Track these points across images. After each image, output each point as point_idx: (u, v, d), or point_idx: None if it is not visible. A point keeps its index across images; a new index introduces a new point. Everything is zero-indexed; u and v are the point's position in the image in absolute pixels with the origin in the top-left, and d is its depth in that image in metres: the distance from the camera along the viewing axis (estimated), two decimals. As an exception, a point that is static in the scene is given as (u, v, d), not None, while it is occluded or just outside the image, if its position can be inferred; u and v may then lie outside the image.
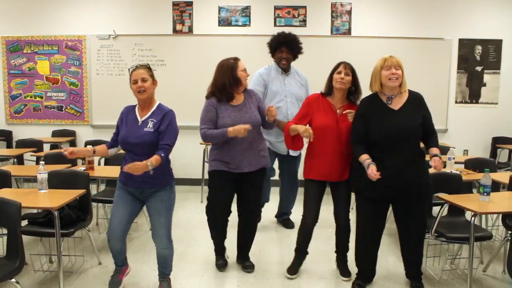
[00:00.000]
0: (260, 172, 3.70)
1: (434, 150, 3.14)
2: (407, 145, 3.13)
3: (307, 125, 3.47)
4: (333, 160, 3.48)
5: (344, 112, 3.41)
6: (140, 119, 3.14)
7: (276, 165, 4.92)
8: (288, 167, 4.86)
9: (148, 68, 3.18)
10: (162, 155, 3.01)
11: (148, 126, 3.09)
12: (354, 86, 3.49)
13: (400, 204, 3.26)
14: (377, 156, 3.14)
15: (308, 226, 3.67)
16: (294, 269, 3.76)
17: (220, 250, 3.92)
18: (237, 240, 3.92)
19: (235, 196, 3.79)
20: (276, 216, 5.19)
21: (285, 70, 4.67)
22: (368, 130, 3.19)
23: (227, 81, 3.56)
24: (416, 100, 3.21)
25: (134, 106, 3.23)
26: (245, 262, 3.87)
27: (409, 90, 3.25)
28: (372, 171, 3.05)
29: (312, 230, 3.69)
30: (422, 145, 3.28)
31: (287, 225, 5.00)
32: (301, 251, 3.78)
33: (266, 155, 3.75)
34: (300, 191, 4.11)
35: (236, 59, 3.69)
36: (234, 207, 3.80)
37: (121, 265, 3.45)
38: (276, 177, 5.00)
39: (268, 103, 4.22)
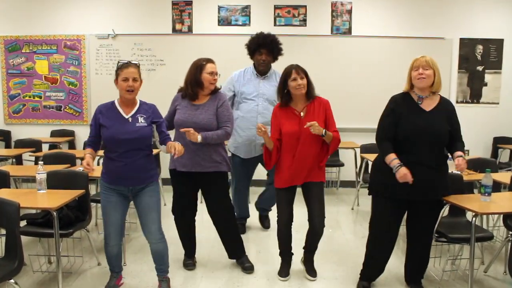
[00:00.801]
0: (216, 175, 3.65)
1: (459, 153, 3.09)
2: (433, 147, 3.09)
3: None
4: (296, 164, 3.44)
5: (305, 126, 3.30)
6: (127, 116, 3.11)
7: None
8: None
9: (138, 67, 3.16)
10: (168, 136, 3.21)
11: (140, 122, 3.10)
12: (309, 85, 3.47)
13: (419, 207, 3.22)
14: (403, 155, 3.09)
15: (282, 227, 3.64)
16: (284, 271, 3.72)
17: (189, 252, 3.96)
18: (221, 240, 3.94)
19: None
20: (256, 205, 4.95)
21: (263, 73, 4.45)
22: (397, 127, 3.13)
23: (191, 80, 3.61)
24: (447, 106, 3.17)
25: (111, 103, 3.18)
26: (244, 263, 3.85)
27: (441, 96, 3.20)
28: (406, 175, 2.99)
29: (288, 230, 3.65)
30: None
31: (263, 223, 4.95)
32: (284, 253, 3.75)
33: (219, 160, 3.63)
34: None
35: (207, 61, 3.65)
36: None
37: (118, 271, 3.43)
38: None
39: (239, 104, 4.43)
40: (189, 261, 3.90)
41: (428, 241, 3.35)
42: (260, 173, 4.86)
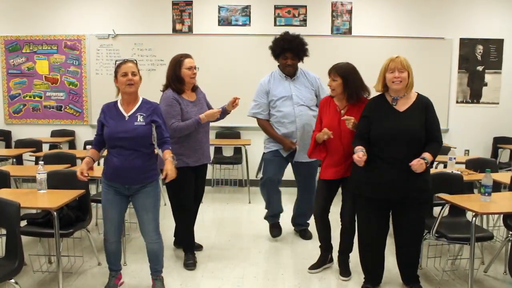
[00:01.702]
0: (205, 166, 4.04)
1: (425, 154, 3.04)
2: (408, 147, 3.07)
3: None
4: (336, 159, 3.52)
5: (342, 118, 3.39)
6: (126, 114, 3.13)
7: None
8: (299, 173, 4.52)
9: (136, 63, 3.20)
10: (170, 148, 3.18)
11: (138, 120, 3.11)
12: (347, 87, 3.47)
13: (398, 207, 3.23)
14: (378, 156, 3.12)
15: (317, 217, 3.72)
16: (315, 265, 3.84)
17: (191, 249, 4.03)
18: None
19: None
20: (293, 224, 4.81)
21: (290, 75, 4.34)
22: (370, 129, 3.16)
23: (172, 76, 3.77)
24: (423, 104, 3.14)
25: (114, 103, 3.22)
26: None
27: (418, 94, 3.19)
28: (358, 155, 3.03)
29: (323, 219, 3.71)
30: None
31: (303, 235, 4.65)
32: (322, 248, 3.85)
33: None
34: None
35: (184, 56, 3.80)
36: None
37: (117, 270, 3.43)
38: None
39: (273, 111, 4.31)
40: (191, 261, 3.89)
41: (414, 241, 3.32)
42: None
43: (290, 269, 3.89)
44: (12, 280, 2.76)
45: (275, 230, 4.58)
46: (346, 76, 3.46)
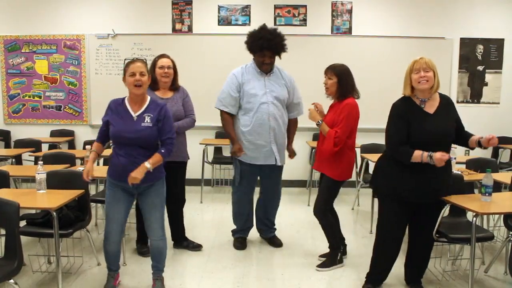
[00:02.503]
0: (182, 163, 4.15)
1: (477, 136, 3.15)
2: (443, 148, 3.05)
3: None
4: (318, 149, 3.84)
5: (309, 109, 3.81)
6: (134, 114, 3.12)
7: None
8: (268, 177, 4.30)
9: (145, 63, 3.18)
10: (163, 151, 3.11)
11: (145, 121, 3.09)
12: (341, 86, 3.67)
13: (423, 208, 3.22)
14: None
15: (323, 214, 3.84)
16: (322, 263, 3.91)
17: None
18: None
19: None
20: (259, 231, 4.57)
21: (267, 72, 4.11)
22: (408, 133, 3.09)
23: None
24: (448, 104, 3.16)
25: (122, 100, 3.19)
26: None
27: (439, 93, 3.17)
28: (442, 156, 2.94)
29: (328, 216, 3.85)
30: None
31: (273, 242, 4.43)
32: (331, 246, 3.92)
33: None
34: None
35: (160, 56, 3.99)
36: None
37: (115, 270, 3.42)
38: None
39: (246, 107, 4.03)
40: (145, 248, 4.04)
41: (430, 242, 3.36)
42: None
43: (290, 269, 3.88)
44: (12, 281, 2.74)
45: (241, 244, 4.37)
46: (341, 75, 3.65)
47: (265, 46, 3.94)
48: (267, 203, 4.39)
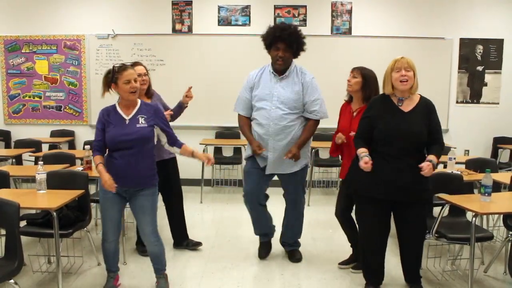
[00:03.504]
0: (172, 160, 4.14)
1: (431, 157, 3.08)
2: (411, 148, 3.11)
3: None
4: (348, 159, 3.60)
5: (338, 135, 3.66)
6: (126, 117, 3.14)
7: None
8: (282, 185, 4.04)
9: (133, 67, 3.22)
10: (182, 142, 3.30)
11: (140, 122, 3.13)
12: (365, 88, 3.63)
13: (400, 206, 3.23)
14: (381, 155, 3.12)
15: (339, 216, 3.84)
16: (345, 261, 3.95)
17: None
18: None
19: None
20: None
21: (280, 71, 3.80)
22: (374, 128, 3.16)
23: None
24: (427, 106, 3.18)
25: (113, 107, 3.21)
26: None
27: (421, 96, 3.21)
28: (364, 161, 3.05)
29: (345, 218, 3.81)
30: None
31: (292, 256, 4.11)
32: (352, 245, 3.91)
33: None
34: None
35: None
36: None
37: (114, 271, 3.44)
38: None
39: (254, 109, 3.84)
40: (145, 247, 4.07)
41: (417, 241, 3.32)
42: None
43: (290, 269, 3.88)
44: (12, 281, 2.75)
45: (263, 250, 4.14)
46: (366, 77, 3.63)
47: (278, 35, 3.68)
48: (287, 215, 4.11)
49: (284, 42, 3.70)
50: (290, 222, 4.07)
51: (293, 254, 4.10)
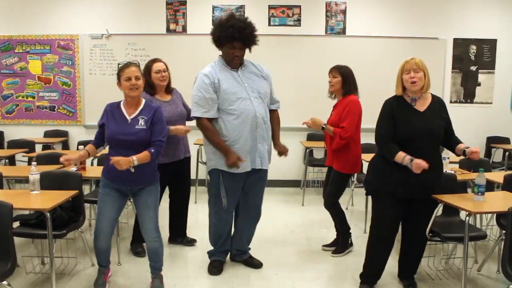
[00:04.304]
0: (187, 160, 4.27)
1: (463, 145, 3.26)
2: (431, 146, 3.15)
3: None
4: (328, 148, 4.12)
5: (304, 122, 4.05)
6: (129, 117, 3.16)
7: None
8: (248, 186, 3.70)
9: (138, 66, 3.24)
10: (152, 151, 3.09)
11: (139, 124, 3.13)
12: (345, 85, 3.98)
13: (415, 205, 3.24)
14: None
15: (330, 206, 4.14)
16: (337, 250, 4.21)
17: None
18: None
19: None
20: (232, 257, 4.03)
21: (237, 67, 3.57)
22: (395, 129, 3.16)
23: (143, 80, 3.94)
24: (439, 104, 3.24)
25: (118, 104, 3.24)
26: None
27: (431, 94, 3.25)
28: (421, 163, 2.99)
29: (336, 206, 4.15)
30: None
31: (251, 263, 3.94)
32: (339, 232, 4.26)
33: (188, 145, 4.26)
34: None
35: (153, 61, 4.06)
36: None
37: (105, 266, 3.45)
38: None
39: (225, 107, 3.46)
40: (140, 248, 4.18)
41: (423, 239, 3.38)
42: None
43: (284, 269, 3.88)
44: (5, 282, 2.74)
45: (215, 268, 3.82)
46: (345, 74, 3.96)
47: (237, 36, 3.39)
48: (248, 222, 3.87)
49: (242, 42, 3.46)
50: (252, 227, 3.92)
51: (252, 261, 3.95)
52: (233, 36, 3.38)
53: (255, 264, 3.92)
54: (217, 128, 3.49)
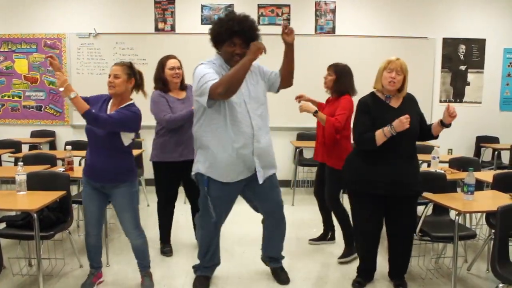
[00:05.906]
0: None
1: (436, 121, 3.36)
2: (407, 142, 3.18)
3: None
4: (319, 141, 4.14)
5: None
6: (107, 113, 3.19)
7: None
8: (261, 196, 3.46)
9: (127, 66, 3.23)
10: (92, 111, 3.00)
11: None
12: (338, 84, 4.01)
13: (394, 201, 3.25)
14: (379, 152, 3.15)
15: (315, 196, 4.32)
16: (316, 238, 4.44)
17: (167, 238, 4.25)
18: None
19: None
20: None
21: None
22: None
23: (156, 77, 4.02)
24: (411, 100, 3.32)
25: (108, 98, 3.29)
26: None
27: None
28: (401, 120, 3.01)
29: (318, 198, 4.33)
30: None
31: (278, 276, 3.66)
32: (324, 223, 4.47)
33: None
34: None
35: (167, 57, 4.07)
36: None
37: (97, 267, 3.45)
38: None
39: (221, 111, 3.15)
40: (167, 248, 4.20)
41: (407, 237, 3.38)
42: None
43: (275, 269, 3.87)
44: (-10, 284, 2.70)
45: (202, 285, 3.54)
46: (338, 73, 3.99)
47: (236, 29, 3.12)
48: (272, 227, 3.59)
49: (242, 37, 3.15)
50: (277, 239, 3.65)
51: (280, 272, 3.69)
52: (233, 29, 3.11)
53: (280, 278, 3.62)
54: (212, 129, 3.17)
